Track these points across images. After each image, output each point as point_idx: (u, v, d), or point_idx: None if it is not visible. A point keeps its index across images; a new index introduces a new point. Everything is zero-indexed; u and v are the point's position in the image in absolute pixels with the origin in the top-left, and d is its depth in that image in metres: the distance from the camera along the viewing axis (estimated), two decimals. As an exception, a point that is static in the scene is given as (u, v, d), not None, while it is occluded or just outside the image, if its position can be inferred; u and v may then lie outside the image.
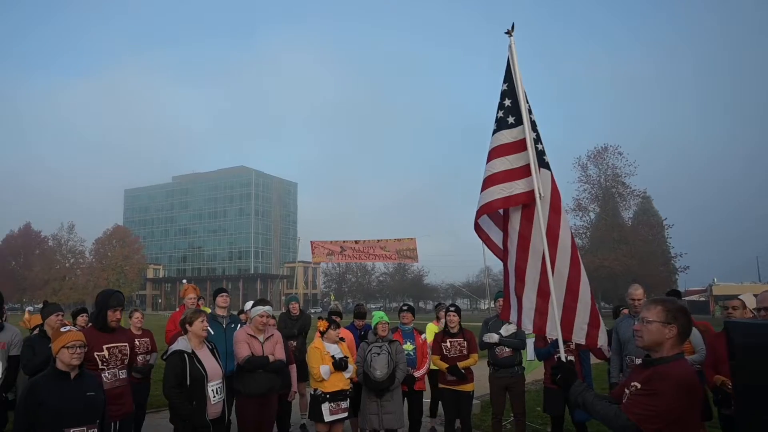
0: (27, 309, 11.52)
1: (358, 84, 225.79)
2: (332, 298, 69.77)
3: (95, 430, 3.78)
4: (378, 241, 12.37)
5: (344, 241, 12.60)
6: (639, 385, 2.78)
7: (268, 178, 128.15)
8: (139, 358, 7.25)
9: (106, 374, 4.82)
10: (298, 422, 8.01)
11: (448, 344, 6.64)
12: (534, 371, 8.37)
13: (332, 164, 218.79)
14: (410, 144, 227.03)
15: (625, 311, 6.50)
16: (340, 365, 5.90)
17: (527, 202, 3.96)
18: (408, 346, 6.89)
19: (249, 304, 7.27)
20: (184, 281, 43.88)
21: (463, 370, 6.50)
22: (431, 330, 8.05)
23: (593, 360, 6.77)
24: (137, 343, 7.20)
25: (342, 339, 6.28)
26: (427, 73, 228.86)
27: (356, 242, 12.45)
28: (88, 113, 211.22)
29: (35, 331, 6.38)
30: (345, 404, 5.98)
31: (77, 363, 3.80)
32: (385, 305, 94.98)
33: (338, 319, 6.50)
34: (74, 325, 6.69)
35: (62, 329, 3.88)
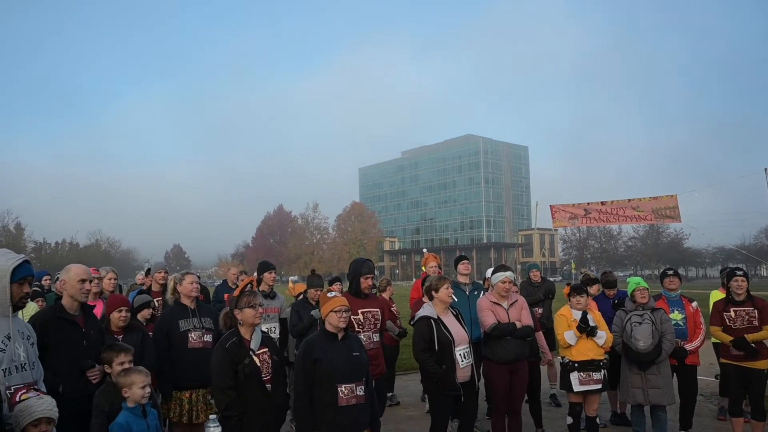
0: (290, 279, 13.46)
1: (600, 35, 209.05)
2: (573, 266, 67.28)
3: (362, 387, 4.23)
4: (629, 200, 11.36)
5: (588, 203, 11.86)
6: None
7: (497, 144, 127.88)
8: (396, 322, 8.08)
9: (362, 337, 5.36)
10: (548, 391, 7.99)
11: (732, 314, 5.89)
12: None
13: (567, 123, 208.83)
14: (664, 90, 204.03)
15: None
16: (586, 330, 5.76)
17: None
18: (676, 315, 6.31)
19: (489, 271, 7.44)
20: (425, 250, 46.50)
21: (753, 344, 5.73)
22: (717, 298, 7.28)
23: None
24: (393, 308, 8.03)
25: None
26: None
27: (603, 203, 11.63)
28: (325, 100, 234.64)
29: (299, 298, 7.40)
30: (597, 375, 5.79)
31: (344, 325, 4.29)
32: (636, 272, 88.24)
33: (596, 288, 6.27)
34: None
35: (329, 294, 4.42)
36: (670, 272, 6.65)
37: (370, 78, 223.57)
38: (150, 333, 5.29)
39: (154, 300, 6.37)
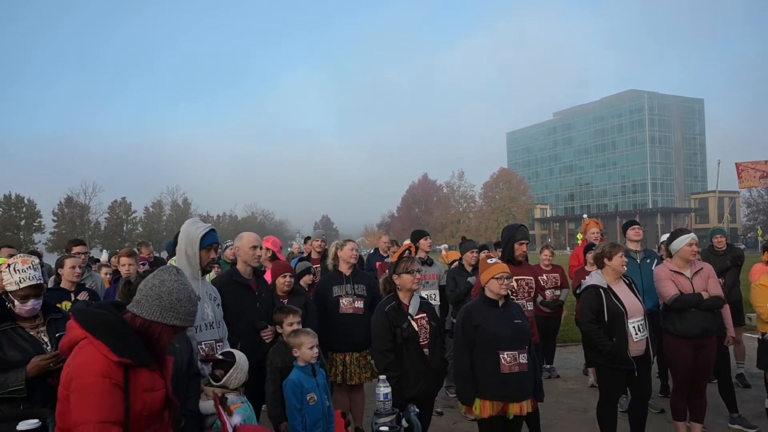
0: (443, 247, 13.67)
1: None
2: (760, 232, 60.58)
3: (525, 354, 4.22)
4: (840, 153, 9.89)
5: (785, 159, 10.52)
6: None
7: (665, 98, 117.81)
8: (548, 292, 7.83)
9: (515, 304, 5.34)
10: (734, 370, 7.36)
11: None
12: None
13: (756, 67, 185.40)
14: None
15: None
16: None
17: None
18: None
19: (665, 236, 6.96)
20: (585, 216, 44.90)
21: None
22: None
23: None
24: (545, 278, 7.78)
25: None
26: None
27: (803, 158, 10.26)
28: (472, 63, 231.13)
29: (453, 265, 7.47)
30: None
31: (505, 293, 4.30)
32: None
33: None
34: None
35: (488, 261, 4.43)
36: None
37: (519, 38, 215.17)
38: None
39: (313, 266, 6.79)
